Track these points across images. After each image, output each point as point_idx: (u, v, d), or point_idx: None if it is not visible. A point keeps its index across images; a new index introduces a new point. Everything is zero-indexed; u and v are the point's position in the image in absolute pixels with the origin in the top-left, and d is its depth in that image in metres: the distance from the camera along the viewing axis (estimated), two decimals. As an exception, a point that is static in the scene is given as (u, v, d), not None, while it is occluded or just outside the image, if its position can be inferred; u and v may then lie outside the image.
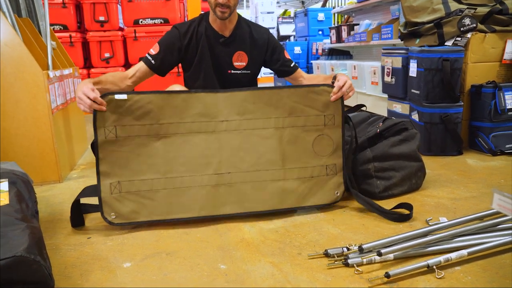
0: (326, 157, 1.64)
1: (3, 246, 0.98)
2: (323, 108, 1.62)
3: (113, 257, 1.31)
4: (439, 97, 2.40)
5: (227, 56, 1.88)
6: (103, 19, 4.79)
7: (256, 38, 1.91)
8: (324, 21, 6.00)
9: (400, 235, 1.30)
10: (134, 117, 1.51)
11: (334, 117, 1.63)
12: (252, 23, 1.97)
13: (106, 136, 1.49)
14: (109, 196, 1.49)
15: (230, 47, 1.88)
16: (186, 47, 1.85)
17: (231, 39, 1.87)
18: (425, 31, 2.63)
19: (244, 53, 1.90)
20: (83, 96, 1.44)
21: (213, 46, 1.87)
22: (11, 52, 1.96)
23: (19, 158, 2.02)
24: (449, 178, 2.01)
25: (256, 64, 1.94)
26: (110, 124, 1.49)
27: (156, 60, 1.81)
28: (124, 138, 1.51)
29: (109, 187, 1.50)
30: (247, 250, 1.32)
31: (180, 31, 1.84)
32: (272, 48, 1.93)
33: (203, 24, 1.86)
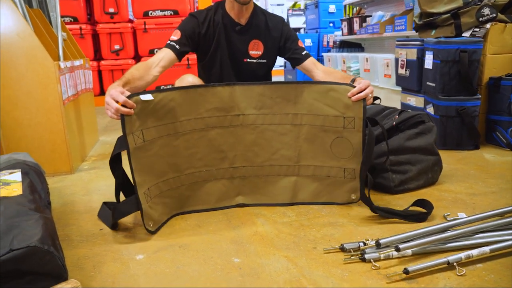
0: (345, 160, 1.55)
1: (16, 237, 0.97)
2: (343, 109, 1.51)
3: (125, 249, 1.29)
4: (456, 89, 2.34)
5: (243, 45, 1.86)
6: (113, 11, 4.78)
7: (271, 26, 1.89)
8: (335, 13, 5.90)
9: (418, 230, 1.26)
10: (157, 118, 1.42)
11: (354, 121, 1.50)
12: (267, 12, 1.95)
13: (135, 143, 1.36)
14: (146, 206, 1.38)
15: (246, 35, 1.86)
16: (204, 35, 1.83)
17: (247, 27, 1.86)
18: (442, 22, 2.56)
19: (260, 41, 1.88)
20: (110, 100, 1.32)
21: (229, 35, 1.85)
22: (23, 42, 1.94)
23: (31, 149, 2.02)
24: (466, 173, 1.96)
25: (272, 53, 1.92)
26: (137, 129, 1.36)
27: (180, 45, 1.76)
28: (150, 141, 1.41)
29: (144, 198, 1.38)
30: (261, 243, 1.30)
31: (199, 19, 1.83)
32: (286, 37, 1.90)
33: (219, 12, 1.85)
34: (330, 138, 1.55)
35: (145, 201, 1.38)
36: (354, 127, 1.51)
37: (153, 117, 1.41)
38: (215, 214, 1.54)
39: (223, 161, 1.58)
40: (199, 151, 1.54)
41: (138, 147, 1.37)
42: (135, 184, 1.35)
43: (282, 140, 1.59)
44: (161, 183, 1.47)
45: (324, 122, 1.55)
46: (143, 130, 1.38)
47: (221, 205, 1.59)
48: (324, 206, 1.58)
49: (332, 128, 1.54)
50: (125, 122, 1.33)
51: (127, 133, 1.34)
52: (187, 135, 1.51)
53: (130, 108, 1.33)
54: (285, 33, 1.90)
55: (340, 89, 1.51)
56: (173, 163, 1.50)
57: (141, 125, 1.38)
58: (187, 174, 1.54)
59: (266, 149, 1.59)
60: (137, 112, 1.36)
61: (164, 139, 1.46)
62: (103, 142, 2.89)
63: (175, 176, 1.51)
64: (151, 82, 1.65)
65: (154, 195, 1.44)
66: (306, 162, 1.60)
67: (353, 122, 1.51)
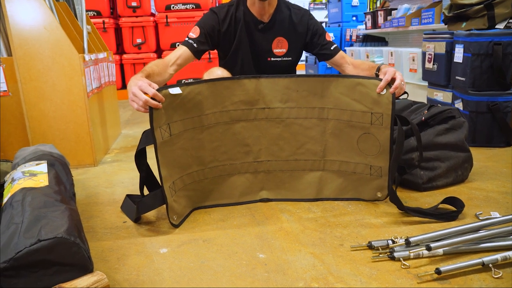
0: (372, 157, 1.50)
1: (44, 227, 0.98)
2: (371, 104, 1.45)
3: (149, 242, 1.29)
4: (487, 84, 2.25)
5: (267, 43, 1.78)
6: (135, 4, 4.80)
7: (296, 22, 1.80)
8: (359, 6, 5.79)
9: (450, 229, 1.21)
10: (184, 111, 1.40)
11: (382, 117, 1.44)
12: (292, 5, 1.85)
13: (162, 137, 1.34)
14: (171, 200, 1.37)
15: (269, 33, 1.78)
16: (224, 33, 1.75)
17: (270, 24, 1.77)
18: (473, 13, 2.46)
19: (284, 39, 1.79)
20: (139, 92, 1.29)
21: (252, 33, 1.77)
22: (49, 35, 1.96)
23: (56, 141, 2.05)
24: (498, 171, 1.88)
25: (297, 50, 1.84)
26: (164, 123, 1.34)
27: (198, 43, 1.71)
28: (176, 135, 1.39)
29: (169, 192, 1.37)
30: (286, 239, 1.27)
31: (219, 15, 1.75)
32: (312, 31, 1.81)
33: (240, 8, 1.76)
34: (357, 134, 1.50)
35: (170, 195, 1.37)
36: (382, 123, 1.45)
37: (181, 111, 1.40)
38: (238, 209, 1.52)
39: (247, 155, 1.56)
40: (223, 144, 1.52)
41: (165, 141, 1.36)
42: (161, 178, 1.34)
43: (308, 134, 1.55)
44: (185, 176, 1.46)
45: (351, 117, 1.50)
46: (170, 124, 1.37)
47: (244, 199, 1.57)
48: (349, 203, 1.55)
49: (359, 124, 1.49)
50: (153, 117, 1.30)
51: (154, 128, 1.32)
52: (211, 128, 1.49)
53: (159, 102, 1.31)
54: (311, 28, 1.81)
55: (369, 84, 1.45)
56: (197, 156, 1.49)
57: (168, 119, 1.36)
58: (210, 167, 1.52)
59: (291, 143, 1.56)
60: (165, 106, 1.34)
61: (189, 132, 1.44)
62: (126, 135, 2.91)
63: (199, 170, 1.50)
64: (168, 79, 1.63)
65: (178, 189, 1.43)
66: (332, 157, 1.56)
67: (381, 118, 1.45)
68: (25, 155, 1.56)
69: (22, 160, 1.52)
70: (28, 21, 1.94)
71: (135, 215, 1.40)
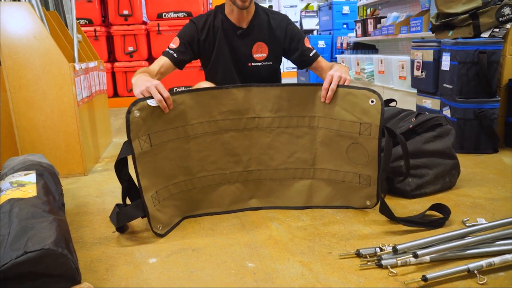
0: (361, 166, 1.50)
1: (31, 239, 0.97)
2: (360, 114, 1.45)
3: (138, 252, 1.29)
4: (474, 91, 2.28)
5: (246, 49, 1.80)
6: (127, 13, 4.82)
7: (274, 26, 1.81)
8: (349, 14, 5.87)
9: (436, 236, 1.23)
10: (166, 121, 1.40)
11: (371, 127, 1.44)
12: (270, 11, 1.86)
13: (142, 147, 1.35)
14: (153, 209, 1.37)
15: (248, 38, 1.80)
16: (203, 41, 1.79)
17: (249, 30, 1.79)
18: (459, 22, 2.51)
19: (264, 43, 1.81)
20: (154, 90, 1.34)
21: (231, 39, 1.79)
22: (39, 44, 1.96)
23: (46, 150, 2.04)
24: (485, 177, 1.91)
25: (277, 55, 1.85)
26: (143, 134, 1.35)
27: (178, 53, 1.75)
28: (158, 145, 1.39)
29: (152, 201, 1.37)
30: (275, 248, 1.28)
31: (198, 25, 1.78)
32: (290, 36, 1.81)
33: (218, 17, 1.79)
34: (346, 143, 1.51)
35: (152, 205, 1.37)
36: (370, 134, 1.46)
37: (161, 121, 1.40)
38: (228, 218, 1.52)
39: (237, 165, 1.56)
40: (212, 154, 1.53)
41: (145, 151, 1.36)
42: (140, 188, 1.35)
43: (298, 142, 1.56)
44: (171, 186, 1.46)
45: (340, 126, 1.50)
46: (150, 135, 1.37)
47: (234, 208, 1.57)
48: (339, 211, 1.56)
49: (347, 134, 1.49)
50: (130, 128, 1.32)
51: (132, 139, 1.33)
52: (199, 138, 1.49)
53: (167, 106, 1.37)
54: (289, 33, 1.81)
55: (359, 94, 1.46)
56: (184, 166, 1.49)
57: (148, 130, 1.36)
58: (199, 177, 1.52)
59: (281, 152, 1.57)
60: (144, 117, 1.34)
61: (174, 142, 1.44)
62: (116, 144, 2.91)
63: (187, 179, 1.50)
64: None
65: (163, 198, 1.43)
66: (322, 166, 1.57)
67: (369, 128, 1.46)
68: (14, 165, 1.55)
69: (11, 170, 1.51)
70: (18, 31, 1.94)
71: (116, 225, 1.40)
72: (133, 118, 1.32)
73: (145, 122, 1.35)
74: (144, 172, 1.36)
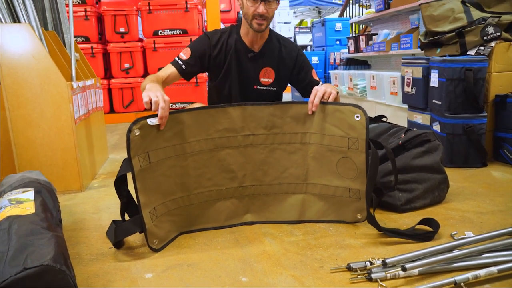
0: (350, 180, 1.55)
1: (30, 255, 1.00)
2: (347, 129, 1.52)
3: (134, 268, 1.31)
4: (462, 107, 2.35)
5: (254, 72, 1.85)
6: (124, 30, 4.90)
7: (285, 55, 1.87)
8: (342, 31, 5.99)
9: (425, 249, 1.27)
10: (165, 139, 1.45)
11: (358, 141, 1.51)
12: (283, 39, 1.92)
13: (141, 165, 1.39)
14: (151, 225, 1.41)
15: (258, 62, 1.85)
16: (215, 57, 1.83)
17: (260, 54, 1.84)
18: (447, 40, 2.59)
19: (272, 69, 1.86)
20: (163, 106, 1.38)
21: (241, 61, 1.84)
22: (38, 64, 2.01)
23: (43, 167, 2.07)
24: (474, 191, 1.96)
25: (282, 82, 1.91)
26: (142, 151, 1.39)
27: (187, 65, 1.78)
28: (156, 162, 1.44)
29: (149, 217, 1.41)
30: (268, 262, 1.31)
31: (211, 40, 1.82)
32: (299, 67, 1.88)
33: (233, 36, 1.83)
34: (336, 158, 1.56)
35: (150, 220, 1.41)
36: (358, 147, 1.52)
37: (160, 139, 1.44)
38: (222, 233, 1.55)
39: (232, 181, 1.61)
40: (208, 171, 1.57)
41: (144, 168, 1.40)
42: (139, 204, 1.38)
43: (291, 158, 1.61)
44: (169, 202, 1.50)
45: (330, 141, 1.56)
46: (149, 152, 1.41)
47: (230, 223, 1.61)
48: (331, 225, 1.59)
49: (337, 148, 1.55)
50: (131, 146, 1.36)
51: (132, 156, 1.37)
52: (196, 155, 1.54)
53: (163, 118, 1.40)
54: (299, 63, 1.88)
55: (345, 110, 1.53)
56: (181, 182, 1.52)
57: (147, 147, 1.41)
58: (196, 193, 1.56)
59: (275, 168, 1.62)
60: (143, 135, 1.39)
61: (172, 160, 1.48)
62: (113, 160, 2.94)
63: (184, 195, 1.54)
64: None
65: (161, 214, 1.47)
66: (314, 181, 1.62)
67: (357, 143, 1.52)
68: (12, 183, 1.58)
69: (9, 188, 1.54)
70: (17, 50, 1.99)
71: (113, 239, 1.43)
72: (133, 137, 1.36)
73: (144, 140, 1.39)
74: (143, 188, 1.40)
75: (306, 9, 11.77)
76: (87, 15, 4.81)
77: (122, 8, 4.88)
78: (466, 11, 2.51)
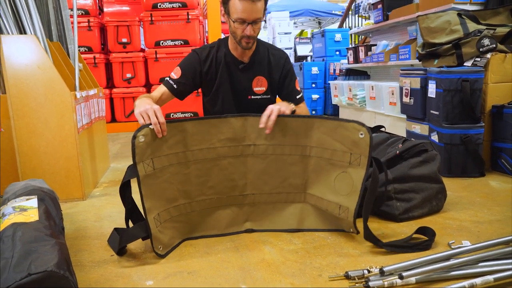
0: (343, 196, 1.55)
1: (34, 261, 1.02)
2: (351, 145, 1.52)
3: (135, 275, 1.33)
4: (459, 117, 2.38)
5: (247, 82, 1.88)
6: (126, 40, 4.97)
7: (273, 62, 1.91)
8: (341, 41, 6.05)
9: (422, 258, 1.29)
10: (168, 146, 1.49)
11: (360, 158, 1.50)
12: (269, 46, 1.97)
13: (145, 171, 1.43)
14: (155, 230, 1.44)
15: (249, 72, 1.88)
16: (205, 73, 1.86)
17: (250, 65, 1.88)
18: (444, 51, 2.64)
19: (263, 77, 1.90)
20: (152, 114, 1.42)
21: (233, 73, 1.87)
22: (43, 74, 2.05)
23: (46, 175, 2.09)
24: (472, 201, 1.98)
25: (274, 89, 1.94)
26: (147, 158, 1.43)
27: (178, 84, 1.82)
28: (160, 169, 1.47)
29: (154, 222, 1.44)
30: (268, 270, 1.33)
31: (200, 56, 1.85)
32: (285, 73, 1.92)
33: (222, 50, 1.87)
34: (336, 172, 1.56)
35: (155, 226, 1.44)
36: (359, 164, 1.51)
37: (164, 147, 1.48)
38: (223, 242, 1.57)
39: (233, 189, 1.63)
40: (210, 179, 1.60)
41: (148, 174, 1.44)
42: (144, 209, 1.41)
43: (291, 169, 1.63)
44: (172, 208, 1.53)
45: (332, 155, 1.57)
46: (153, 159, 1.45)
47: (230, 230, 1.63)
48: (329, 234, 1.61)
49: (339, 162, 1.56)
50: (136, 152, 1.40)
51: (137, 162, 1.41)
52: (198, 163, 1.57)
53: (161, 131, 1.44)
54: (285, 71, 1.92)
55: (349, 126, 1.52)
56: (184, 190, 1.55)
57: (151, 154, 1.44)
58: (198, 200, 1.59)
59: (275, 177, 1.64)
60: (147, 142, 1.43)
61: (175, 167, 1.52)
62: (114, 169, 2.96)
63: (186, 203, 1.57)
64: None
65: (164, 220, 1.49)
66: (311, 191, 1.64)
67: (359, 159, 1.51)
68: (16, 190, 1.60)
69: (13, 195, 1.57)
70: (23, 61, 2.04)
71: (118, 245, 1.45)
72: (138, 143, 1.40)
73: (149, 146, 1.44)
74: (148, 194, 1.43)
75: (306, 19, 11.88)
76: (90, 25, 4.89)
77: (124, 19, 4.97)
78: (462, 23, 2.56)
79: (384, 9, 4.10)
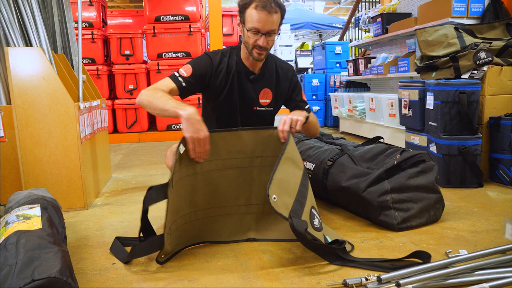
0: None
1: (38, 268, 1.04)
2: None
3: (137, 283, 1.35)
4: (457, 129, 2.41)
5: (254, 93, 1.89)
6: (129, 53, 5.04)
7: (281, 75, 1.93)
8: (342, 54, 6.12)
9: (419, 266, 1.30)
10: (181, 162, 1.51)
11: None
12: (277, 59, 1.99)
13: (172, 185, 1.46)
14: (166, 243, 1.47)
15: (258, 84, 1.89)
16: (215, 77, 1.83)
17: (260, 76, 1.88)
18: (441, 64, 2.68)
19: (270, 90, 1.91)
20: (205, 144, 1.50)
21: (243, 82, 1.87)
22: (47, 85, 2.10)
23: (49, 184, 2.12)
24: (469, 211, 1.99)
25: (279, 102, 1.96)
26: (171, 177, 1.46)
27: (187, 83, 1.75)
28: (176, 181, 1.50)
29: (167, 238, 1.47)
30: (267, 279, 1.35)
31: (213, 61, 1.83)
32: (293, 86, 1.95)
33: (233, 58, 1.86)
34: None
35: (167, 240, 1.46)
36: None
37: (179, 163, 1.50)
38: (223, 250, 1.59)
39: (238, 199, 1.66)
40: (216, 189, 1.62)
41: (170, 190, 1.46)
42: (166, 226, 1.44)
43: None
44: (179, 218, 1.55)
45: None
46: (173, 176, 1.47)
47: (232, 239, 1.65)
48: (328, 243, 1.63)
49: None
50: (175, 170, 1.45)
51: (169, 184, 1.44)
52: (206, 174, 1.59)
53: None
54: (293, 84, 1.95)
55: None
56: (190, 200, 1.58)
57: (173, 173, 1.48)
58: (203, 209, 1.62)
59: None
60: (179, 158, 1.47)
61: (185, 180, 1.54)
62: (116, 179, 2.99)
63: (191, 211, 1.59)
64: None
65: (172, 231, 1.52)
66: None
67: None
68: (19, 199, 1.63)
69: (16, 204, 1.59)
70: (28, 72, 2.08)
71: (130, 257, 1.47)
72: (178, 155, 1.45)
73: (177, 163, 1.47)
74: (169, 209, 1.45)
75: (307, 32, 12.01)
76: (94, 37, 4.96)
77: (127, 32, 5.04)
78: (459, 36, 2.61)
79: (383, 23, 4.17)
